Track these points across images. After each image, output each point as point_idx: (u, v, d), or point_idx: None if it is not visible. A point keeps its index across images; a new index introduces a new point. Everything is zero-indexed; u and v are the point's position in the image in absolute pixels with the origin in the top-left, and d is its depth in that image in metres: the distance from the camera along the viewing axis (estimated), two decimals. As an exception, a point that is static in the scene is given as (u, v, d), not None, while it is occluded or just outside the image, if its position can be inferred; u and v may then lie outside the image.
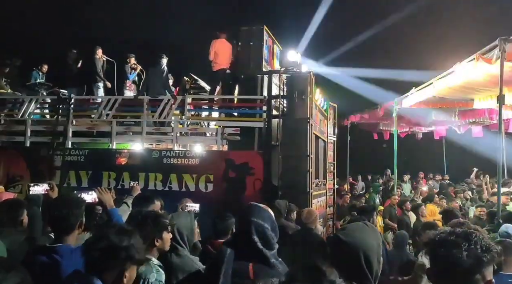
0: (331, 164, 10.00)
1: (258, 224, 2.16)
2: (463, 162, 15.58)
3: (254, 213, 2.21)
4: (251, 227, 2.15)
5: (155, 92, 8.41)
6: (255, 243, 2.12)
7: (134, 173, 7.26)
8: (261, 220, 2.18)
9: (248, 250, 2.13)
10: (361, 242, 1.79)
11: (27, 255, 2.67)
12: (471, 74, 6.62)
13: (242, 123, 7.66)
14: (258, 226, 2.15)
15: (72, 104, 8.34)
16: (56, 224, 2.64)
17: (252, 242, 2.12)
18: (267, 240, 2.15)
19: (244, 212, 2.25)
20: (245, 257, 2.13)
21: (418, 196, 10.19)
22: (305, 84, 7.16)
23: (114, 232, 1.87)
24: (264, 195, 6.72)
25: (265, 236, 2.15)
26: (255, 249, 2.12)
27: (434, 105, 10.00)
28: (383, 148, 15.17)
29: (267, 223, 2.19)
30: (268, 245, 2.15)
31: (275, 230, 2.22)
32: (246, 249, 2.14)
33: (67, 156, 7.66)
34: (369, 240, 1.81)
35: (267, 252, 2.13)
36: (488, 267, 1.40)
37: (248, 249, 2.13)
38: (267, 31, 7.91)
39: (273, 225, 2.23)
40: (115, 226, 1.95)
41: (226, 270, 2.10)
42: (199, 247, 3.74)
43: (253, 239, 2.13)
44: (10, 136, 8.61)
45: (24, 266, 2.60)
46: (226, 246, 2.21)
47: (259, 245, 2.12)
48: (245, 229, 2.17)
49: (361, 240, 1.79)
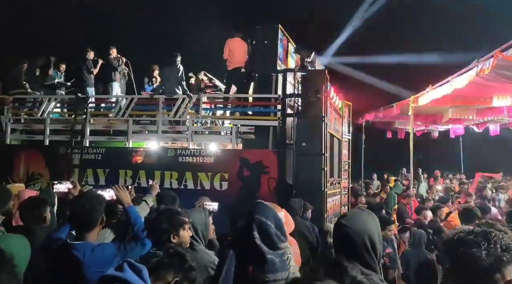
0: (346, 162, 9.94)
1: (260, 221, 2.15)
2: (480, 161, 15.34)
3: (257, 210, 2.20)
4: (252, 223, 2.14)
5: (170, 91, 8.49)
6: (254, 239, 2.11)
7: (150, 171, 7.35)
8: (264, 217, 2.16)
9: (248, 248, 2.12)
10: (364, 226, 1.90)
11: (49, 253, 2.72)
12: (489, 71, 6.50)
13: (257, 121, 7.68)
14: (260, 223, 2.14)
15: (90, 103, 8.49)
16: (78, 221, 2.68)
17: (252, 238, 2.11)
18: (269, 238, 2.13)
19: (249, 210, 2.24)
20: (246, 255, 2.13)
21: (433, 196, 10.05)
22: (320, 82, 7.14)
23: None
24: (278, 193, 6.73)
25: (267, 234, 2.13)
26: (253, 245, 2.10)
27: (451, 103, 9.84)
28: (398, 147, 15.01)
29: (270, 221, 2.16)
30: (271, 244, 2.13)
31: (280, 229, 2.19)
32: (247, 247, 2.13)
33: (84, 154, 7.80)
34: (370, 223, 1.93)
35: (267, 249, 2.10)
36: (508, 266, 1.39)
37: (248, 246, 2.13)
38: (281, 29, 7.90)
39: (278, 224, 2.19)
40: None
41: (229, 267, 2.12)
42: (217, 244, 3.78)
43: (253, 234, 2.11)
44: (30, 135, 8.83)
45: (45, 263, 2.69)
46: (228, 245, 2.23)
47: (257, 241, 2.10)
48: (246, 226, 2.17)
49: (364, 224, 1.91)
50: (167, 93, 8.43)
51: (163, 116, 8.15)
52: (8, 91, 9.09)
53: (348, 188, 10.19)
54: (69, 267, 2.49)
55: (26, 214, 3.36)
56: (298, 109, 7.50)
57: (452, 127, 14.11)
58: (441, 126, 14.21)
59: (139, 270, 1.77)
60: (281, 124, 7.29)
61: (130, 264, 1.78)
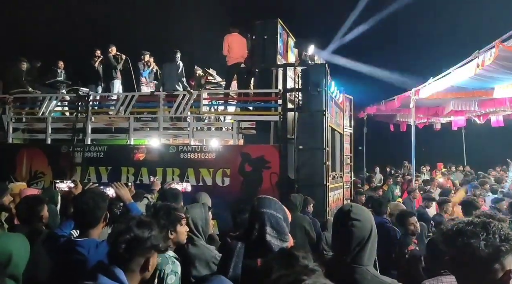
0: (348, 156, 9.94)
1: (271, 214, 2.15)
2: (483, 153, 15.30)
3: (265, 204, 2.20)
4: (264, 218, 2.14)
5: (170, 87, 8.49)
6: (265, 235, 2.11)
7: (152, 168, 7.38)
8: (274, 210, 2.17)
9: (258, 243, 2.12)
10: (370, 218, 1.94)
11: (53, 250, 2.73)
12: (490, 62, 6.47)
13: (258, 117, 7.68)
14: (271, 217, 2.14)
15: (91, 101, 8.50)
16: (82, 218, 2.68)
17: (263, 234, 2.11)
18: (280, 231, 2.14)
19: (255, 205, 2.23)
20: (254, 250, 2.12)
21: (434, 188, 10.03)
22: (320, 76, 7.12)
23: (136, 225, 1.96)
24: (280, 188, 6.75)
25: (278, 226, 2.14)
26: (264, 241, 2.11)
27: (453, 95, 9.80)
28: (400, 140, 14.98)
29: (279, 213, 2.17)
30: (281, 236, 2.13)
31: (287, 220, 2.21)
32: (257, 242, 2.13)
33: (86, 152, 7.83)
34: (371, 215, 1.98)
35: (276, 244, 2.10)
36: (507, 256, 1.39)
37: (258, 242, 2.12)
38: (281, 24, 7.87)
39: (285, 216, 2.21)
40: (135, 219, 2.02)
41: (236, 264, 2.11)
42: (217, 239, 3.79)
43: (265, 230, 2.11)
44: (32, 134, 8.85)
45: (50, 260, 2.70)
46: (237, 240, 2.23)
47: (267, 237, 2.10)
48: (257, 221, 2.15)
49: (370, 217, 1.94)
50: (168, 90, 8.43)
51: (164, 113, 8.16)
52: (9, 90, 9.10)
53: (350, 181, 10.19)
54: (74, 263, 2.50)
55: (22, 213, 3.36)
56: (299, 103, 7.48)
57: (453, 119, 14.07)
58: (443, 118, 14.17)
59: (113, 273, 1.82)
60: (282, 119, 7.29)
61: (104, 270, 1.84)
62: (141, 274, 1.94)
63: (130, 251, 1.90)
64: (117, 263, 1.88)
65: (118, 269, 1.86)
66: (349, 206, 1.99)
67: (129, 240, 1.90)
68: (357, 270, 1.82)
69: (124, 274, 1.86)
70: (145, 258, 1.93)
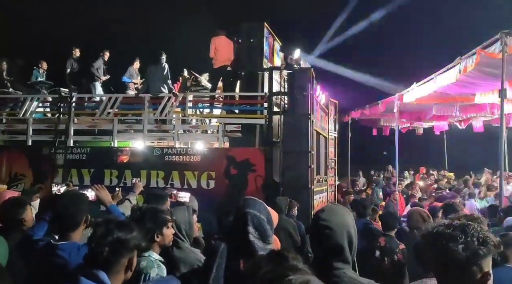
0: (332, 160, 10.01)
1: (254, 215, 2.13)
2: (464, 158, 15.60)
3: (250, 205, 2.19)
4: (247, 218, 2.12)
5: (156, 89, 8.42)
6: (247, 235, 2.09)
7: (136, 170, 7.28)
8: (258, 211, 2.16)
9: (241, 244, 2.11)
10: (343, 220, 1.91)
11: (32, 254, 2.66)
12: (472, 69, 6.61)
13: (243, 120, 7.67)
14: (255, 217, 2.13)
15: (74, 102, 8.36)
16: (61, 221, 2.62)
17: (246, 234, 2.09)
18: (263, 232, 2.12)
19: (240, 205, 2.22)
20: (237, 251, 2.11)
21: (416, 192, 10.16)
22: (306, 80, 7.17)
23: (116, 226, 1.95)
24: (265, 191, 6.74)
25: (261, 227, 2.12)
26: (246, 241, 2.09)
27: (435, 100, 9.98)
28: (384, 144, 15.18)
29: (263, 215, 2.16)
30: (263, 237, 2.12)
31: (270, 222, 2.19)
32: (239, 243, 2.12)
33: (69, 154, 7.68)
34: (347, 217, 1.95)
35: (259, 245, 2.09)
36: (485, 259, 1.41)
37: (241, 242, 2.11)
38: (267, 27, 7.90)
39: (269, 217, 2.20)
40: (113, 221, 2.01)
41: (219, 264, 2.10)
42: (202, 242, 3.76)
43: (247, 230, 2.09)
44: (12, 135, 8.66)
45: (29, 266, 2.63)
46: (220, 241, 2.22)
47: (250, 237, 2.09)
48: (240, 221, 2.14)
49: (343, 218, 1.92)
50: (153, 92, 8.36)
51: (149, 115, 8.08)
52: (-11, 90, 8.91)
53: (335, 185, 10.27)
54: (55, 267, 2.45)
55: (5, 215, 3.28)
56: (285, 107, 7.51)
57: (436, 124, 14.31)
58: (425, 123, 14.41)
59: (95, 275, 1.82)
60: (268, 122, 7.30)
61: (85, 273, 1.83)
62: (125, 274, 1.95)
63: (114, 253, 1.89)
64: (99, 266, 1.86)
65: (100, 271, 1.84)
66: (321, 211, 1.99)
67: (112, 242, 1.89)
68: (334, 273, 1.84)
69: (107, 276, 1.84)
70: (128, 258, 1.94)
